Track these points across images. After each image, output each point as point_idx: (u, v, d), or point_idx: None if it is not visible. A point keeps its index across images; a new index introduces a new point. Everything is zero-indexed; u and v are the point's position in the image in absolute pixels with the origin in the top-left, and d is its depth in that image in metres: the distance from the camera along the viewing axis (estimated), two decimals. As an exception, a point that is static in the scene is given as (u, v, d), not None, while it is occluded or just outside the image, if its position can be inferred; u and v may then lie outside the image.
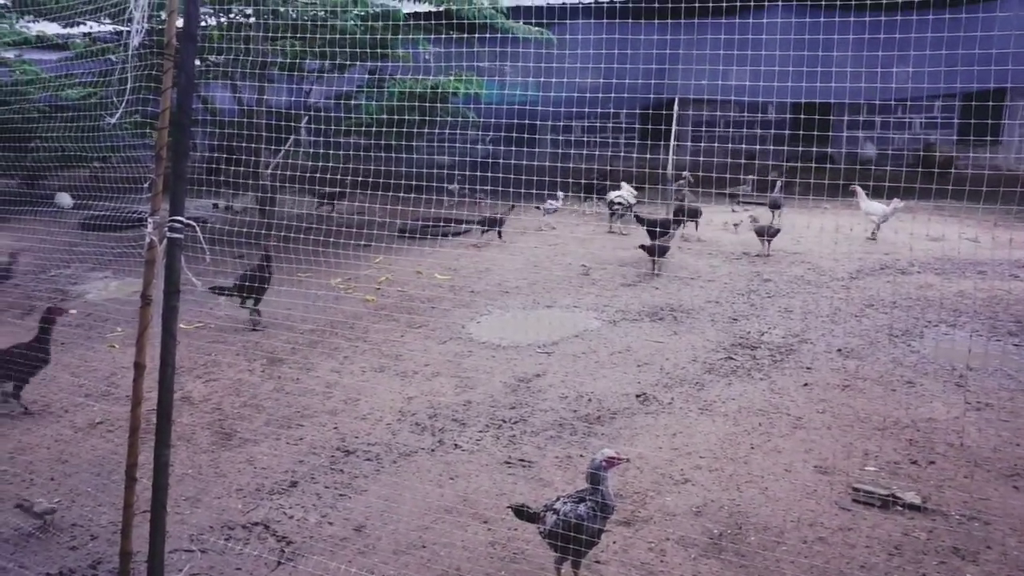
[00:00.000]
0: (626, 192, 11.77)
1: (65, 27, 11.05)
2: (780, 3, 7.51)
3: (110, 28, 10.88)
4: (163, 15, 3.38)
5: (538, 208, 11.80)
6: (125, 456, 3.04)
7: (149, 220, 2.87)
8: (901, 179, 11.18)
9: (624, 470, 4.34)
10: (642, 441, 4.71)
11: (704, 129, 16.46)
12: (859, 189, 10.50)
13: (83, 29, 11.81)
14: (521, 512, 3.36)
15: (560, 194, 11.80)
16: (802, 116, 15.21)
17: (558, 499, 3.29)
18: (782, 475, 4.26)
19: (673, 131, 13.10)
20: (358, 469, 4.41)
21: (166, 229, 2.80)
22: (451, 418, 5.08)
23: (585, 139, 16.77)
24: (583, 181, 13.02)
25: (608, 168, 14.31)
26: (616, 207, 11.49)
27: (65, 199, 12.87)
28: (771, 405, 5.20)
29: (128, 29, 3.12)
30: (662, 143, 14.07)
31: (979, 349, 6.20)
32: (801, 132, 15.83)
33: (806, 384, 5.54)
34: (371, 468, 4.43)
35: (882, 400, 5.21)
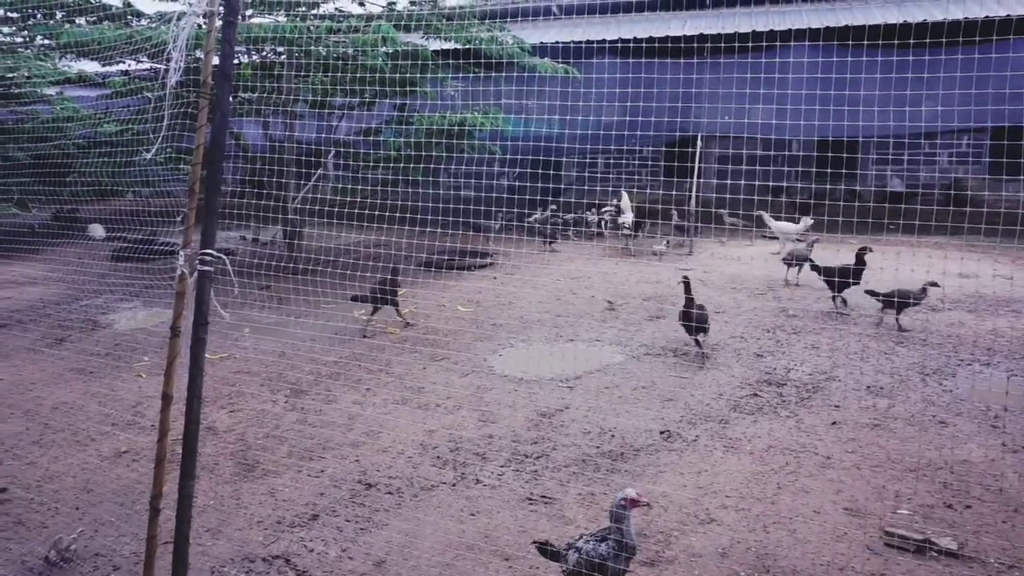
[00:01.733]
0: (628, 216, 12.08)
1: (104, 65, 11.45)
2: (807, 43, 7.56)
3: (147, 66, 11.26)
4: (199, 53, 3.49)
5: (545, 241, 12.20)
6: (149, 486, 3.06)
7: (181, 253, 2.93)
8: (932, 216, 11.09)
9: (648, 510, 4.26)
10: (666, 479, 4.63)
11: (730, 165, 16.46)
12: (764, 214, 11.44)
13: (121, 67, 12.24)
14: (545, 549, 3.31)
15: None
16: (829, 153, 15.15)
17: (580, 537, 3.23)
18: (811, 516, 4.15)
19: (697, 167, 13.12)
20: (379, 503, 4.38)
21: (197, 262, 2.85)
22: (473, 452, 5.04)
23: (610, 173, 16.86)
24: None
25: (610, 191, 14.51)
26: (625, 228, 11.81)
27: (98, 230, 13.21)
28: (799, 444, 5.08)
29: (164, 67, 3.23)
30: (688, 180, 14.10)
31: (1015, 390, 6.03)
32: (829, 169, 15.77)
33: (835, 423, 5.42)
34: (392, 502, 4.40)
35: (914, 440, 5.08)
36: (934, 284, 7.60)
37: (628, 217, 12.52)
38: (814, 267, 8.61)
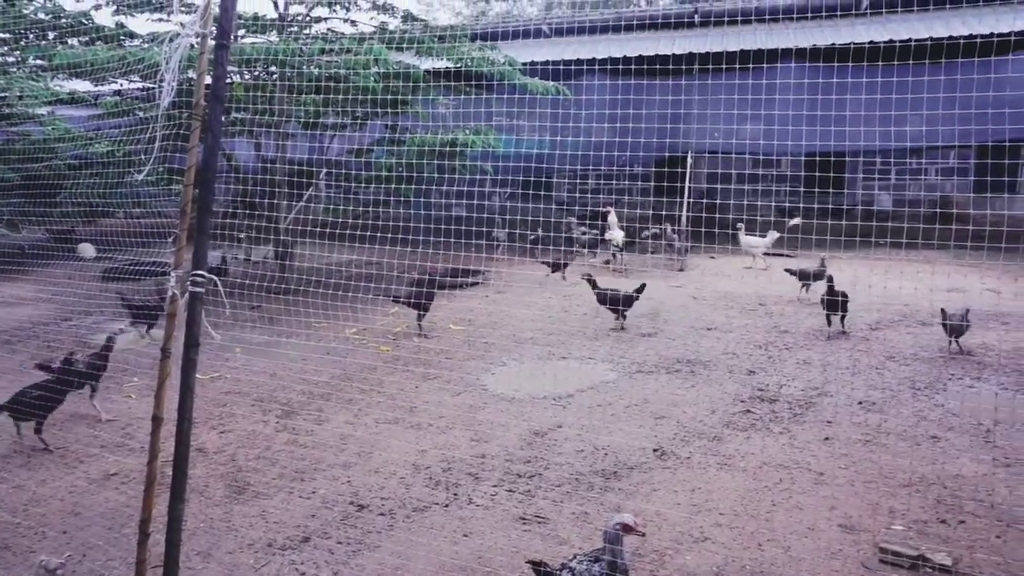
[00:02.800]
0: (617, 233, 12.17)
1: (96, 85, 11.46)
2: (793, 64, 7.67)
3: (139, 86, 11.29)
4: (191, 74, 3.50)
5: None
6: (138, 509, 3.03)
7: (172, 274, 2.92)
8: (919, 233, 11.20)
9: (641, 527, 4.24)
10: (660, 497, 4.61)
11: (719, 185, 16.60)
12: (741, 228, 11.97)
13: (114, 87, 12.25)
14: (539, 570, 3.28)
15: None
16: (817, 173, 15.30)
17: (574, 557, 3.21)
18: (805, 533, 4.14)
19: (688, 185, 13.23)
20: (371, 524, 4.35)
21: (188, 283, 2.84)
22: (465, 472, 5.02)
23: (600, 189, 16.96)
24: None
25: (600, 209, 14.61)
26: (613, 247, 11.94)
27: (88, 250, 13.16)
28: (792, 460, 5.08)
29: (156, 87, 3.24)
30: (677, 200, 14.20)
31: (1006, 403, 6.06)
32: (816, 188, 15.90)
33: (827, 438, 5.43)
34: (384, 523, 4.37)
35: (907, 455, 5.09)
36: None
37: (616, 234, 12.63)
38: (830, 293, 8.20)
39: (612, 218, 13.10)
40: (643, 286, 8.76)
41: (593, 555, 3.16)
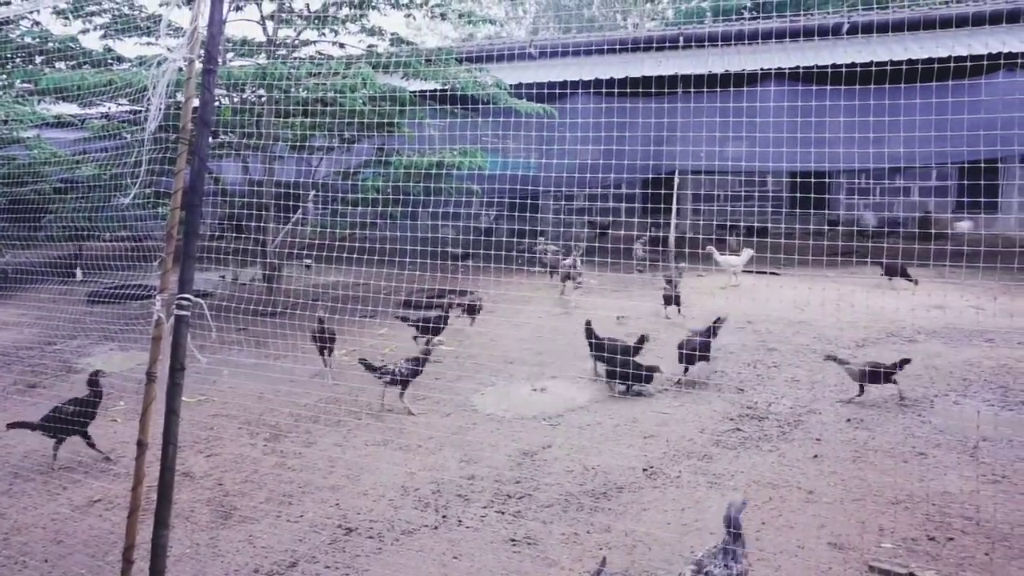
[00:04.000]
0: (573, 257, 12.32)
1: (83, 108, 11.45)
2: (772, 87, 7.78)
3: (127, 109, 11.29)
4: (179, 97, 3.52)
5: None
6: (122, 536, 2.99)
7: (157, 298, 2.92)
8: (899, 253, 11.37)
9: (631, 547, 4.22)
10: (649, 517, 4.60)
11: (703, 204, 16.77)
12: (713, 249, 12.30)
13: (101, 110, 12.24)
14: None
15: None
16: (798, 192, 15.51)
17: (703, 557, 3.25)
18: (795, 552, 4.14)
19: (674, 204, 13.34)
20: (360, 548, 4.30)
21: (173, 306, 2.84)
22: (455, 494, 4.98)
23: (586, 207, 17.07)
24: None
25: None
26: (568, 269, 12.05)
27: (74, 272, 13.05)
28: (781, 478, 5.09)
29: (143, 110, 3.25)
30: (662, 220, 14.33)
31: (991, 419, 6.10)
32: (798, 208, 16.10)
33: (816, 456, 5.44)
34: (373, 547, 4.32)
35: (894, 472, 5.11)
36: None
37: (572, 259, 12.69)
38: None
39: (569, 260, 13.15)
40: (643, 338, 7.38)
41: (718, 550, 3.21)
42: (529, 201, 11.01)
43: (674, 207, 13.31)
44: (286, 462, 5.59)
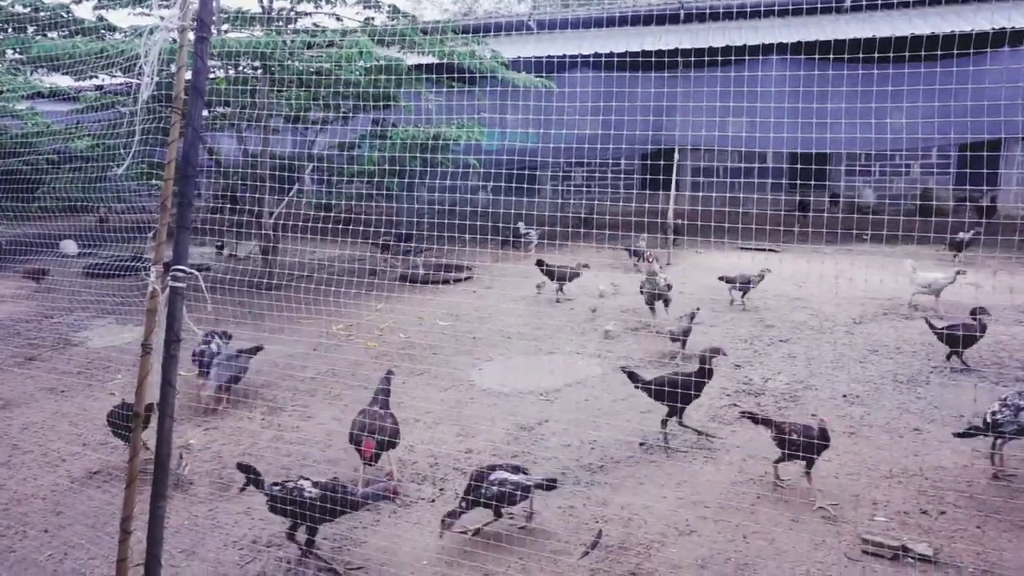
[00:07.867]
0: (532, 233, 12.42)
1: (77, 80, 11.30)
2: (774, 57, 7.69)
3: (121, 80, 11.14)
4: (172, 68, 3.45)
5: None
6: (121, 507, 3.00)
7: (152, 269, 2.89)
8: (899, 226, 11.33)
9: (628, 520, 4.26)
10: (646, 490, 4.63)
11: (703, 178, 16.66)
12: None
13: (95, 82, 12.08)
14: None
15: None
16: (799, 165, 15.39)
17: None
18: (789, 525, 4.17)
19: (674, 179, 13.26)
20: (356, 520, 4.33)
21: (168, 278, 2.81)
22: (452, 467, 5.01)
23: (584, 185, 16.97)
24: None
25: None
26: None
27: (70, 246, 12.98)
28: (776, 453, 5.11)
29: (138, 82, 3.20)
30: (661, 192, 14.24)
31: (986, 396, 6.13)
32: (799, 181, 16.01)
33: (811, 431, 5.46)
34: (370, 519, 4.35)
35: (889, 448, 5.14)
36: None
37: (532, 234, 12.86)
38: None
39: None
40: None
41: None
42: (527, 172, 10.92)
43: (674, 179, 13.23)
44: (284, 435, 5.61)
